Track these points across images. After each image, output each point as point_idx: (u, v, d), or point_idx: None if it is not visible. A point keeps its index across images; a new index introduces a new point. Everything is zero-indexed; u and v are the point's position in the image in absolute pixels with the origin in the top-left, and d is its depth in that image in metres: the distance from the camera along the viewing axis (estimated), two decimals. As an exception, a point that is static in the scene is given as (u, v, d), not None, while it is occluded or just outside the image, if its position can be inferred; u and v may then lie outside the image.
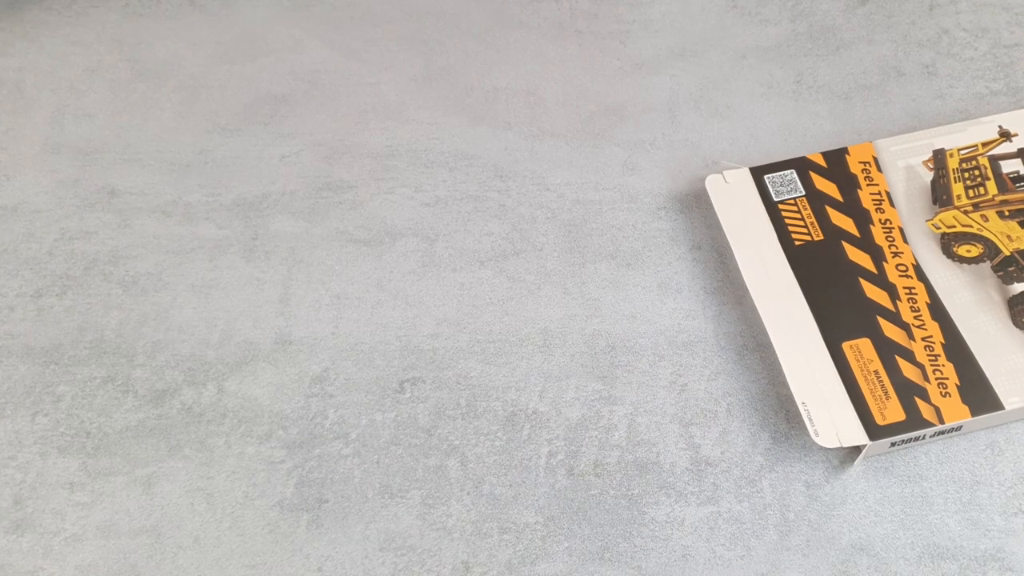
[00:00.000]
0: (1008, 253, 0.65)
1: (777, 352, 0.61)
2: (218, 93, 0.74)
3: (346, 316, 0.65)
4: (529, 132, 0.72)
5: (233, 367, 0.63)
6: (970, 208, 0.66)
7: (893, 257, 0.65)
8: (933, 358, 0.61)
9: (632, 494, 0.59)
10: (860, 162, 0.68)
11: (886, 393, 0.60)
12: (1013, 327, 0.62)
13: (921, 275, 0.64)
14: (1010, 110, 0.71)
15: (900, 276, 0.64)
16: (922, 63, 0.74)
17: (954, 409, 0.59)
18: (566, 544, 0.58)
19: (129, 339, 0.64)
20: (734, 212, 0.66)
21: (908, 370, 0.61)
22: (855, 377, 0.60)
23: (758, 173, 0.68)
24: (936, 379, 0.60)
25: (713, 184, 0.67)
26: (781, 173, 0.68)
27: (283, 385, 0.63)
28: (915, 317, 0.62)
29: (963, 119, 0.71)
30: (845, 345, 0.61)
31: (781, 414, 0.62)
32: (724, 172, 0.68)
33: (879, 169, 0.68)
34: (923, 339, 0.62)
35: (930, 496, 0.59)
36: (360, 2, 0.78)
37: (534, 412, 0.62)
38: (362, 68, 0.75)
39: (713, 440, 0.61)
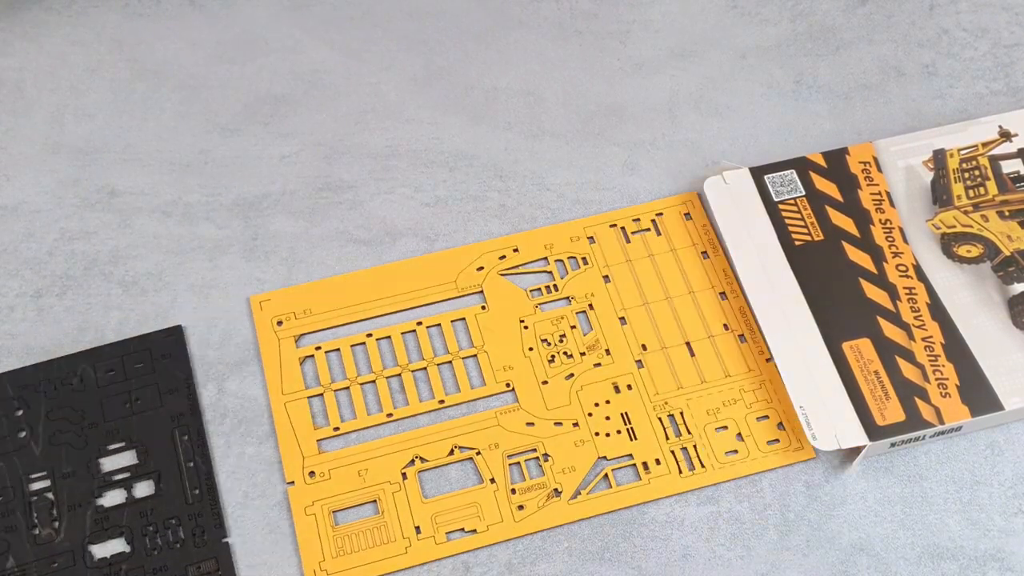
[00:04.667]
0: (1008, 253, 0.65)
1: (774, 356, 0.61)
2: (218, 93, 0.74)
3: (346, 316, 0.65)
4: (529, 132, 0.72)
5: (233, 367, 0.63)
6: (970, 208, 0.66)
7: (893, 257, 0.65)
8: (933, 358, 0.61)
9: (632, 494, 0.59)
10: (860, 162, 0.68)
11: (886, 393, 0.60)
12: (1013, 327, 0.62)
13: (921, 275, 0.64)
14: (1010, 110, 0.71)
15: (900, 276, 0.64)
16: (922, 63, 0.74)
17: (954, 409, 0.59)
18: (566, 544, 0.58)
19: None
20: (733, 213, 0.66)
21: (908, 370, 0.61)
22: (855, 377, 0.60)
23: (758, 173, 0.68)
24: (936, 379, 0.60)
25: (711, 187, 0.67)
26: (781, 173, 0.68)
27: (283, 385, 0.63)
28: (915, 317, 0.62)
29: (963, 119, 0.71)
30: (845, 345, 0.61)
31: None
32: (724, 172, 0.68)
33: (879, 169, 0.68)
34: (923, 339, 0.62)
35: (930, 496, 0.59)
36: (360, 2, 0.78)
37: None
38: (362, 68, 0.75)
39: (713, 440, 0.61)
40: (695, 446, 0.60)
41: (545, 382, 0.62)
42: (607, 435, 0.60)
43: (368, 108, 0.73)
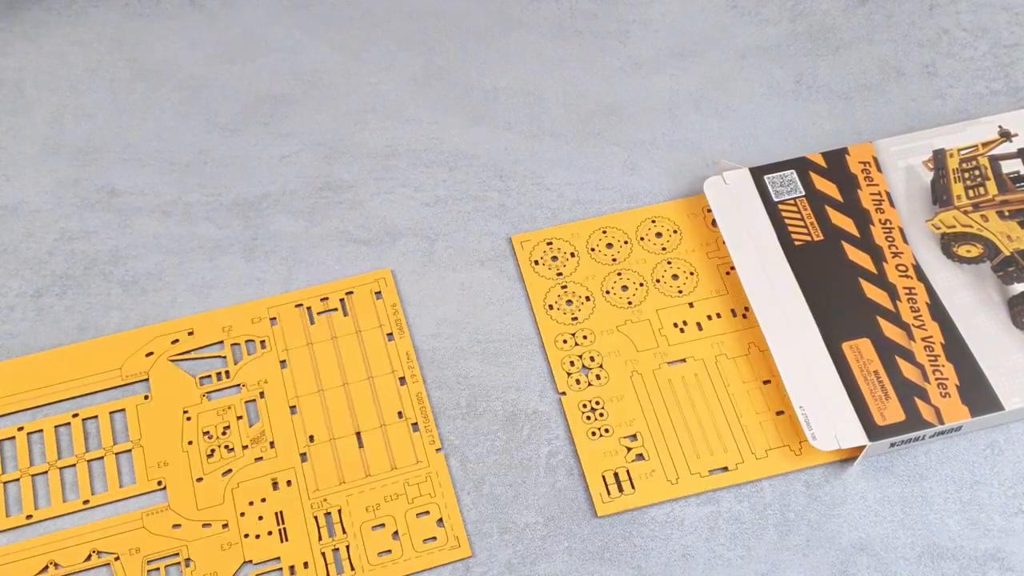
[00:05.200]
0: (1008, 253, 0.65)
1: (774, 356, 0.61)
2: (218, 93, 0.74)
3: (346, 316, 0.65)
4: (529, 132, 0.72)
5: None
6: (970, 208, 0.66)
7: (893, 257, 0.65)
8: (933, 358, 0.61)
9: (632, 494, 0.59)
10: (860, 162, 0.68)
11: (886, 393, 0.60)
12: (1013, 327, 0.62)
13: (921, 275, 0.64)
14: (1010, 110, 0.71)
15: (900, 276, 0.64)
16: (922, 63, 0.74)
17: (954, 409, 0.59)
18: (566, 544, 0.58)
19: (129, 339, 0.64)
20: (733, 214, 0.66)
21: (908, 370, 0.61)
22: (855, 378, 0.60)
23: (758, 173, 0.68)
24: (936, 379, 0.60)
25: (711, 187, 0.67)
26: (781, 173, 0.68)
27: (283, 385, 0.63)
28: (915, 317, 0.62)
29: (963, 119, 0.71)
30: (845, 345, 0.61)
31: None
32: (724, 173, 0.68)
33: (879, 169, 0.68)
34: (923, 339, 0.62)
35: (930, 496, 0.59)
36: (360, 2, 0.78)
37: (534, 412, 0.62)
38: (362, 68, 0.75)
39: (713, 440, 0.61)
40: (348, 547, 0.57)
41: (200, 479, 0.59)
42: (257, 536, 0.57)
43: (368, 108, 0.73)
